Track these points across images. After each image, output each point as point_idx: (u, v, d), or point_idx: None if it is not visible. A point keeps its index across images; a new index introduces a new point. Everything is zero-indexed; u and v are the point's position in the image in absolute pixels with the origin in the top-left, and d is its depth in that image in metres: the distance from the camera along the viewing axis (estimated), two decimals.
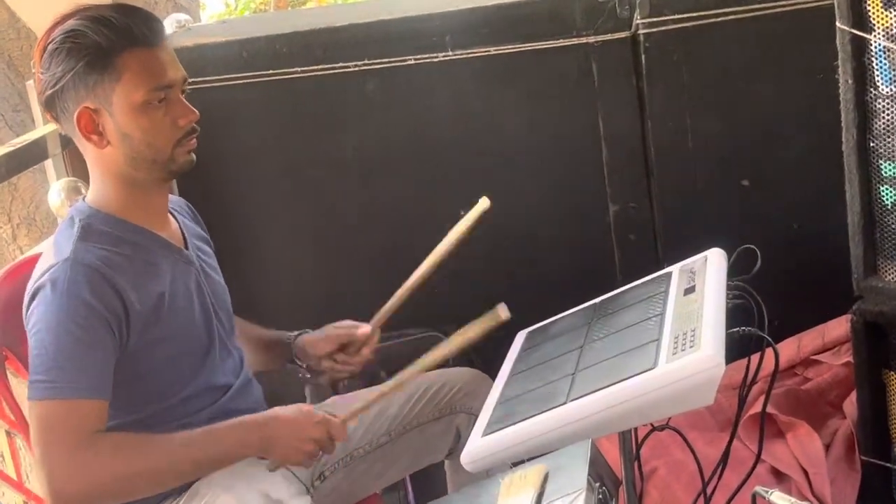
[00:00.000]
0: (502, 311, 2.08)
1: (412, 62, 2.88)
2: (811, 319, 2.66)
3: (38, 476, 1.99)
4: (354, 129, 2.95)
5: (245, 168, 2.94)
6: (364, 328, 2.35)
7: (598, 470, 1.57)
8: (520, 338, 2.20)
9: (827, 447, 2.44)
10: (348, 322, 2.39)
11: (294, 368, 2.44)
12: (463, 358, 2.51)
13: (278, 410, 2.13)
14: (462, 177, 2.94)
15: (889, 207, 2.19)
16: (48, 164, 2.70)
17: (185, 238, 2.23)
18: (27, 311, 2.02)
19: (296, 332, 2.43)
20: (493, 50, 2.86)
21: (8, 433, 2.37)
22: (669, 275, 2.06)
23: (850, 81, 2.17)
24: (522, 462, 1.71)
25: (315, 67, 2.90)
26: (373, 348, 2.36)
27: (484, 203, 2.26)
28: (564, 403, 1.73)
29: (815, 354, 2.65)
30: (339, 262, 2.92)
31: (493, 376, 2.08)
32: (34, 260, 2.18)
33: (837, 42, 2.16)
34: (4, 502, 2.48)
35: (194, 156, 2.12)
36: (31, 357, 1.98)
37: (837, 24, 2.15)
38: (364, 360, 2.35)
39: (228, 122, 2.80)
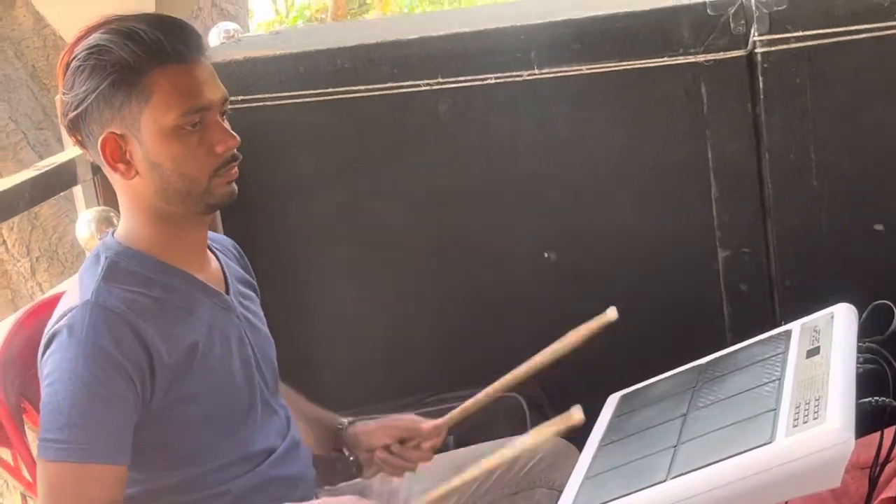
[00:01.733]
0: (611, 313, 2.09)
1: (492, 81, 2.88)
2: None
3: None
4: (425, 157, 2.95)
5: (298, 201, 2.95)
6: (432, 423, 2.32)
7: None
8: (612, 402, 2.19)
9: None
10: (412, 416, 2.37)
11: (338, 458, 2.41)
12: (543, 421, 2.50)
13: (328, 501, 2.14)
14: (547, 213, 2.93)
15: None
16: (76, 190, 2.72)
17: (226, 281, 2.24)
18: (42, 357, 2.02)
19: (349, 419, 2.42)
20: (585, 69, 2.86)
21: (23, 495, 2.40)
22: (789, 333, 2.04)
23: None
24: None
25: (381, 86, 2.91)
26: (438, 445, 2.32)
27: (611, 314, 2.21)
28: (665, 481, 1.72)
29: None
30: (406, 312, 2.89)
31: (579, 446, 2.07)
32: (57, 300, 2.20)
33: None
34: None
35: (235, 187, 2.11)
36: (43, 411, 1.98)
37: None
38: (425, 457, 2.30)
39: (280, 147, 2.83)
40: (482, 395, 2.30)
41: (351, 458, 2.37)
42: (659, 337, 2.34)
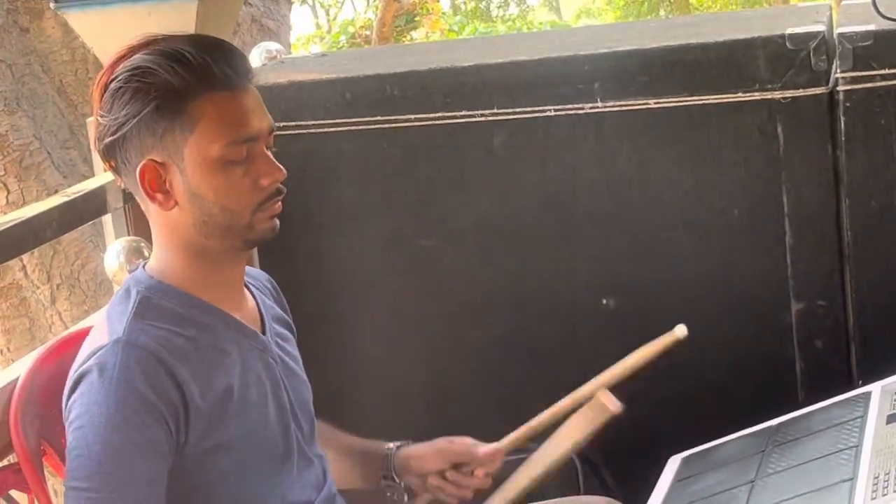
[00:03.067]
0: (679, 331, 2.09)
1: (552, 113, 2.88)
2: None
3: None
4: (477, 192, 2.95)
5: (340, 235, 2.95)
6: (488, 448, 2.32)
7: None
8: (673, 464, 2.18)
9: None
10: (467, 439, 2.35)
11: (388, 486, 2.39)
12: (597, 482, 2.50)
13: None
14: (606, 257, 2.93)
15: None
16: (106, 219, 2.74)
17: (263, 320, 2.23)
18: (68, 399, 2.01)
19: (397, 443, 2.41)
20: (652, 103, 2.86)
21: None
22: (868, 395, 2.04)
23: None
24: None
25: (432, 115, 2.91)
26: (494, 472, 2.31)
27: (679, 332, 2.23)
28: None
29: None
30: (452, 356, 2.88)
31: None
32: (82, 336, 2.21)
33: None
34: None
35: (278, 222, 2.11)
36: (70, 457, 1.98)
37: None
38: (482, 484, 2.29)
39: (322, 178, 2.83)
40: (549, 412, 2.32)
41: (402, 485, 2.37)
42: (726, 395, 2.32)
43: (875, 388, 2.05)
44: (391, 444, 2.41)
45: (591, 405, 2.27)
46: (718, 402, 2.22)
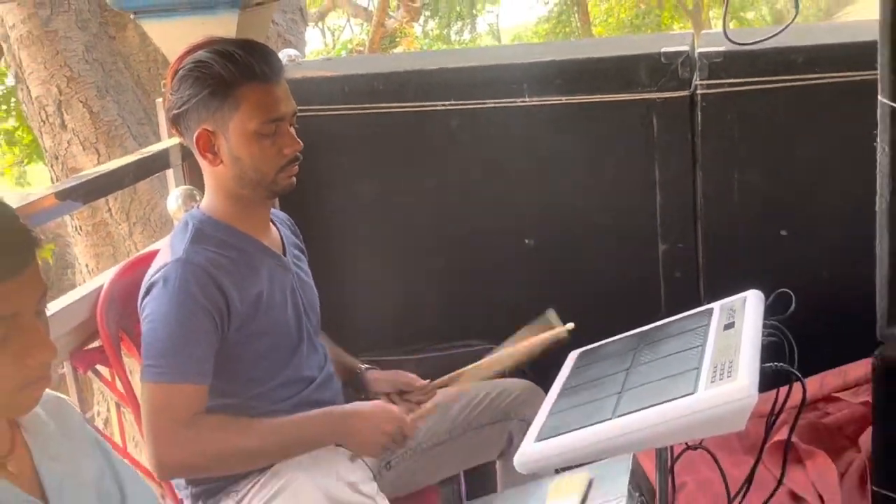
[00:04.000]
0: (568, 326, 2.14)
1: (492, 105, 2.88)
2: (835, 360, 2.63)
3: (145, 448, 2.02)
4: (437, 162, 2.96)
5: (339, 191, 2.95)
6: (423, 383, 2.35)
7: (638, 481, 1.57)
8: (572, 357, 2.19)
9: (842, 476, 2.41)
10: (412, 376, 2.38)
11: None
12: (518, 371, 2.51)
13: (359, 406, 2.16)
14: (529, 209, 2.94)
15: None
16: (168, 172, 2.73)
17: (284, 246, 2.25)
18: (142, 301, 2.05)
19: (366, 366, 2.45)
20: (564, 99, 2.86)
21: (117, 405, 2.41)
22: (711, 311, 2.05)
23: (886, 149, 2.14)
24: (568, 469, 1.71)
25: (406, 105, 2.91)
26: (429, 400, 2.32)
27: (569, 326, 2.24)
28: (610, 419, 1.73)
29: (837, 392, 2.63)
30: (415, 278, 2.89)
31: (545, 389, 2.08)
32: (150, 256, 2.22)
33: (878, 113, 2.14)
34: None
35: (295, 179, 2.14)
36: (144, 344, 2.02)
37: (879, 97, 2.12)
38: (415, 409, 2.28)
39: (328, 149, 2.81)
40: (469, 370, 2.33)
41: (363, 396, 2.39)
42: (612, 308, 2.35)
43: (716, 305, 2.06)
44: (362, 365, 2.45)
45: (544, 328, 2.29)
46: (607, 313, 2.24)
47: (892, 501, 2.30)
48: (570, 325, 2.21)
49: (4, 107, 9.22)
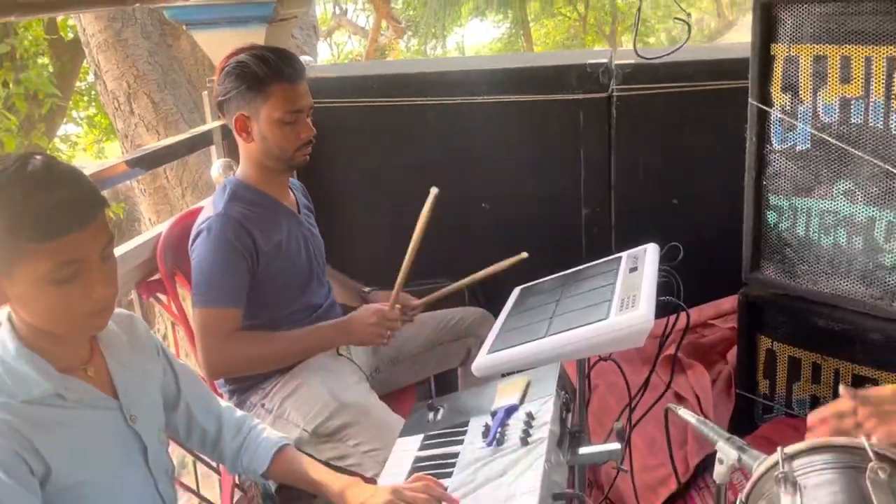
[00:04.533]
0: (523, 254, 2.23)
1: (459, 101, 2.85)
2: (711, 296, 2.66)
3: (197, 357, 2.03)
4: (417, 144, 2.91)
5: (341, 165, 2.90)
6: (410, 300, 2.31)
7: (563, 383, 1.58)
8: (515, 292, 2.19)
9: (713, 382, 2.44)
10: (406, 295, 2.32)
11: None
12: (476, 302, 2.50)
13: (352, 313, 2.15)
14: (485, 181, 2.91)
15: (771, 226, 2.18)
16: (212, 148, 2.71)
17: (298, 207, 2.25)
18: (191, 245, 2.05)
19: (369, 288, 2.46)
20: (513, 98, 2.84)
21: (172, 324, 2.39)
22: (620, 258, 2.05)
23: (754, 139, 2.15)
24: (513, 373, 1.71)
25: (393, 100, 2.87)
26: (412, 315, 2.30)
27: (523, 254, 2.26)
28: (543, 337, 1.73)
29: (711, 320, 2.65)
30: (398, 231, 2.76)
31: (495, 315, 2.08)
32: (197, 212, 2.21)
33: (748, 112, 2.14)
34: None
35: (308, 158, 2.13)
36: (193, 277, 2.02)
37: (750, 100, 2.13)
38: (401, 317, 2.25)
39: (334, 132, 2.73)
40: (440, 293, 2.32)
41: None
42: (546, 256, 2.33)
43: (624, 254, 2.06)
44: (366, 288, 2.46)
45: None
46: (542, 260, 2.22)
47: (748, 400, 2.35)
48: (525, 255, 2.22)
49: (87, 97, 9.11)
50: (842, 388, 1.37)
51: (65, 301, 1.22)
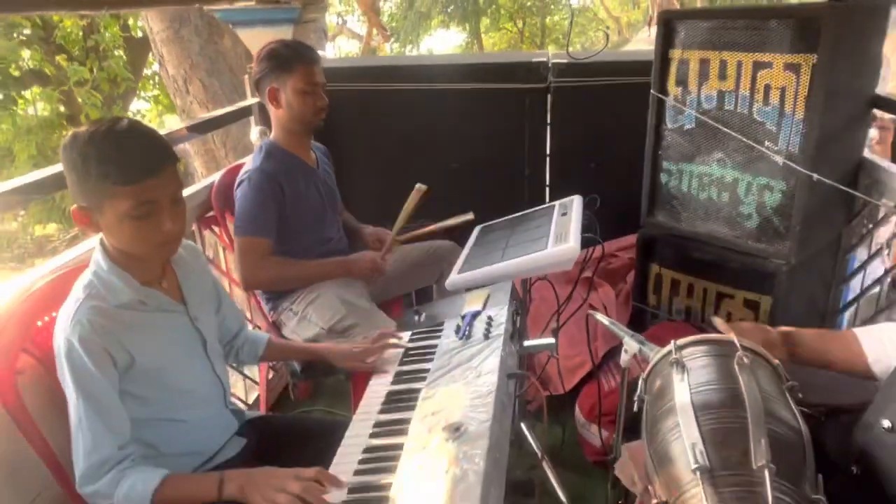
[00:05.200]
0: (469, 215, 2.12)
1: (433, 87, 2.76)
2: (618, 234, 2.66)
3: (236, 275, 1.97)
4: (401, 119, 2.81)
5: (347, 130, 2.78)
6: (390, 234, 2.23)
7: (513, 295, 1.56)
8: (477, 229, 2.17)
9: (617, 296, 2.46)
10: (387, 231, 2.27)
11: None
12: (449, 238, 2.46)
13: (354, 255, 2.11)
14: (453, 147, 2.82)
15: (663, 184, 2.17)
16: (251, 119, 2.61)
17: (318, 163, 2.16)
18: (236, 189, 1.97)
19: (366, 226, 2.37)
20: (474, 86, 2.75)
21: (223, 249, 2.33)
22: (554, 206, 2.03)
23: (653, 120, 2.13)
24: (476, 288, 1.70)
25: (383, 84, 2.77)
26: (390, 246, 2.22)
27: (470, 216, 2.17)
28: (500, 262, 1.72)
29: (618, 251, 2.66)
30: (389, 185, 2.73)
31: (462, 247, 2.06)
32: (240, 166, 2.11)
33: (650, 100, 2.11)
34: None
35: (323, 122, 2.05)
36: (236, 214, 1.94)
37: (651, 91, 2.10)
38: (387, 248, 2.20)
39: (341, 107, 2.62)
40: (413, 235, 2.25)
41: (360, 247, 2.30)
42: (499, 204, 2.29)
43: (557, 203, 2.04)
44: (365, 227, 2.37)
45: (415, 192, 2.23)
46: (496, 207, 2.19)
47: (641, 309, 2.37)
48: (471, 216, 2.16)
49: (152, 82, 8.82)
50: (717, 321, 1.35)
51: (142, 233, 1.18)
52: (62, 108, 7.69)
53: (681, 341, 1.19)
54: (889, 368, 1.16)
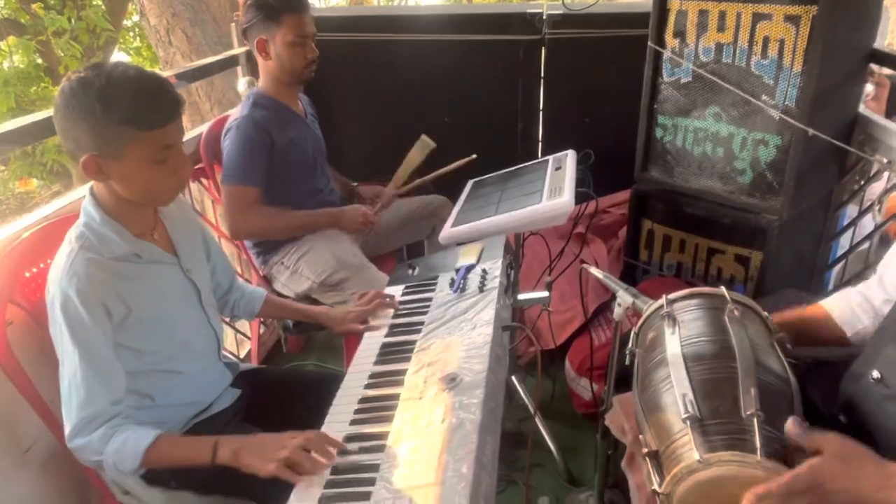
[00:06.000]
0: (472, 156, 2.14)
1: (426, 38, 2.70)
2: (611, 189, 2.65)
3: (223, 224, 1.96)
4: (393, 71, 2.75)
5: (338, 82, 2.74)
6: (386, 191, 2.24)
7: (507, 250, 1.57)
8: (470, 183, 2.16)
9: (608, 251, 2.47)
10: (380, 188, 2.28)
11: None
12: (442, 192, 2.44)
13: (344, 207, 2.10)
14: (441, 99, 2.77)
15: (658, 139, 2.16)
16: (238, 68, 2.55)
17: (305, 113, 2.12)
18: (223, 138, 1.94)
19: (356, 183, 2.36)
20: (468, 37, 2.69)
21: (212, 201, 2.30)
22: (548, 160, 2.02)
23: (649, 73, 2.10)
24: (470, 242, 1.70)
25: (371, 35, 2.70)
26: (385, 202, 2.22)
27: (472, 157, 2.17)
28: (493, 216, 1.72)
29: (610, 207, 2.66)
30: (380, 136, 2.71)
31: (454, 202, 2.05)
32: (227, 118, 2.07)
33: (647, 53, 2.08)
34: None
35: (314, 73, 2.00)
36: (224, 162, 1.92)
37: (649, 43, 2.06)
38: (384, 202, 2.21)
39: (330, 57, 2.54)
40: (413, 185, 2.25)
41: (354, 202, 2.30)
42: (493, 157, 2.28)
43: (551, 157, 2.03)
44: (353, 184, 2.36)
45: (420, 146, 2.22)
46: (490, 160, 2.17)
47: (632, 265, 2.38)
48: (474, 156, 2.16)
49: (132, 33, 8.59)
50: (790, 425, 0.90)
51: (160, 178, 1.18)
52: (39, 60, 7.48)
53: (672, 295, 1.20)
54: (866, 335, 1.19)
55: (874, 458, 0.83)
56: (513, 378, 2.13)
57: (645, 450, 1.01)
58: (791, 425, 0.84)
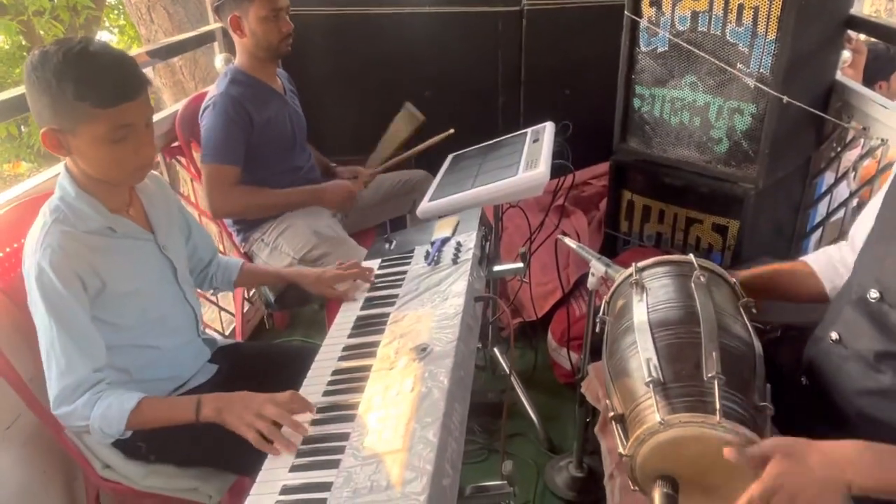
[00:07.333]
0: (450, 130, 2.14)
1: (405, 11, 2.66)
2: (590, 161, 2.65)
3: (203, 203, 1.95)
4: (373, 44, 2.71)
5: (315, 57, 2.70)
6: (364, 170, 2.25)
7: (483, 223, 1.57)
8: (450, 157, 2.15)
9: (589, 223, 2.47)
10: (359, 168, 2.27)
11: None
12: (423, 167, 2.43)
13: (326, 184, 2.09)
14: (426, 74, 2.74)
15: (636, 109, 2.15)
16: (214, 45, 2.51)
17: (285, 89, 2.10)
18: (201, 116, 1.92)
19: (335, 164, 2.34)
20: (447, 9, 2.66)
21: (190, 180, 2.29)
22: (526, 133, 2.01)
23: (627, 43, 2.08)
24: (447, 216, 1.70)
25: (353, 8, 2.65)
26: (367, 179, 2.23)
27: (450, 130, 2.16)
28: (470, 189, 1.71)
29: (590, 179, 2.66)
30: (361, 110, 2.69)
31: (434, 175, 2.04)
32: (204, 94, 2.05)
33: (624, 22, 2.06)
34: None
35: (290, 48, 1.97)
36: (202, 141, 1.90)
37: (625, 12, 2.04)
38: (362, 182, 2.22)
39: (308, 31, 2.53)
40: (393, 162, 2.25)
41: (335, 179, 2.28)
42: (473, 130, 2.26)
43: (529, 130, 2.03)
44: (333, 164, 2.34)
45: (408, 118, 2.20)
46: (470, 133, 2.16)
47: (612, 236, 2.39)
48: (451, 131, 2.15)
49: (115, 12, 8.44)
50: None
51: (116, 157, 1.16)
52: (24, 41, 7.36)
53: (642, 263, 1.21)
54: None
55: (813, 445, 0.85)
56: (495, 349, 2.15)
57: (611, 414, 1.02)
58: (728, 453, 0.85)
